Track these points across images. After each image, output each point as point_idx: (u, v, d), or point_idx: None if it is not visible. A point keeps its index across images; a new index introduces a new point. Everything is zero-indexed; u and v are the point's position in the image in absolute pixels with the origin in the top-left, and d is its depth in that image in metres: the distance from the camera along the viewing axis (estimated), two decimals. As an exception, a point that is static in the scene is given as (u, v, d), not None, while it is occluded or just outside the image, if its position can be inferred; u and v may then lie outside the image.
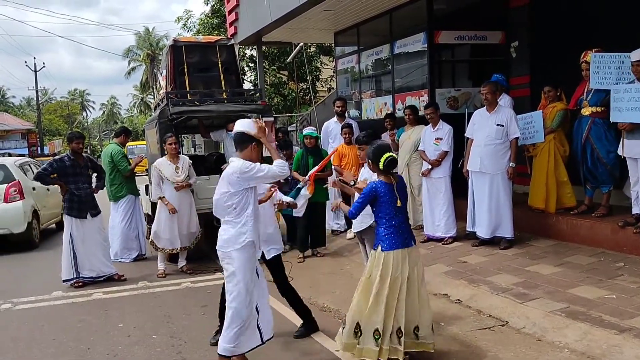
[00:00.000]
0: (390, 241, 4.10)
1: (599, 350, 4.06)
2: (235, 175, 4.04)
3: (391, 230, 4.11)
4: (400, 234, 4.11)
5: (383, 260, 4.08)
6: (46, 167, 7.22)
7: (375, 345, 4.04)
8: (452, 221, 7.37)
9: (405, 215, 4.21)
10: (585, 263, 5.81)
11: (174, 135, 7.50)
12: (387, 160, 4.08)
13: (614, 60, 6.09)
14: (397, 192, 4.12)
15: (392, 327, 4.05)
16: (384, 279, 4.05)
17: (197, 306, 6.09)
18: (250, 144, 4.15)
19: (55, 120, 63.30)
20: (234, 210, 4.12)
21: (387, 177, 4.16)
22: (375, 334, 4.05)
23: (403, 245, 4.10)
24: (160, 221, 7.34)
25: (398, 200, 4.10)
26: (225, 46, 8.99)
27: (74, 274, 7.12)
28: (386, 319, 4.05)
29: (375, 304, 4.07)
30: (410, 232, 4.23)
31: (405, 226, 4.18)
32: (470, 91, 8.98)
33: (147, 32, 61.23)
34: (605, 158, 6.33)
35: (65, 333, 5.45)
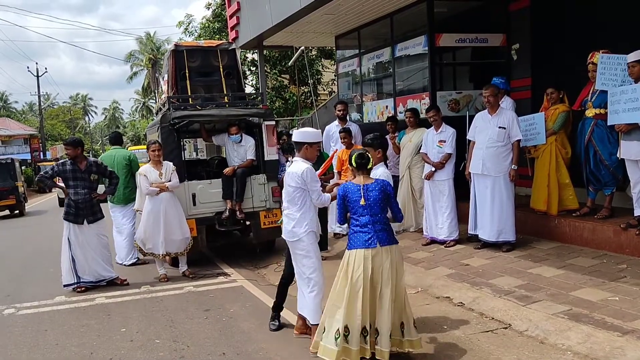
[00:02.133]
0: (353, 240, 4.22)
1: (601, 352, 4.05)
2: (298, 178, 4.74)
3: (356, 230, 4.23)
4: (364, 233, 4.17)
5: (347, 259, 4.20)
6: (48, 170, 7.22)
7: (335, 345, 4.09)
8: (455, 224, 7.37)
9: (373, 216, 4.20)
10: (588, 265, 5.80)
11: (158, 142, 7.49)
12: (356, 156, 4.25)
13: (621, 61, 6.05)
14: (363, 193, 4.18)
15: (359, 327, 4.09)
16: (346, 278, 4.16)
17: (200, 310, 6.08)
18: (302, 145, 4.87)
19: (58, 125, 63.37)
20: (296, 204, 4.80)
21: (359, 178, 4.28)
22: (335, 334, 4.10)
23: (364, 245, 4.14)
24: (145, 227, 7.33)
25: (362, 198, 4.17)
26: (227, 50, 9.00)
27: (75, 278, 7.13)
28: (350, 319, 4.10)
29: (337, 302, 4.16)
30: (379, 233, 4.19)
31: (372, 226, 4.18)
32: (471, 94, 8.98)
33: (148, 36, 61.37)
34: (608, 160, 6.32)
35: (68, 338, 5.45)
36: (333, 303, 4.21)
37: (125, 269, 7.89)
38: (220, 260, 8.61)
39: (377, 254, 4.14)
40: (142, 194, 7.47)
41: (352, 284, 4.11)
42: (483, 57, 9.18)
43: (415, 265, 6.81)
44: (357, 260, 4.13)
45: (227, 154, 8.54)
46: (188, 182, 7.97)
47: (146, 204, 7.36)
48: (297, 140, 4.89)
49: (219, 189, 8.02)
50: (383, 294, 4.14)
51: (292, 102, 22.31)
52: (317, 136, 4.97)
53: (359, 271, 4.10)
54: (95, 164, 7.30)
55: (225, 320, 5.70)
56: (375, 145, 4.79)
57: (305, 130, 5.02)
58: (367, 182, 4.26)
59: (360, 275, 4.10)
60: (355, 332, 4.10)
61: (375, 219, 4.21)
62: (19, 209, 18.93)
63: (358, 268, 4.11)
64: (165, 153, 7.72)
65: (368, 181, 4.27)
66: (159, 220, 7.27)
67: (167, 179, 7.34)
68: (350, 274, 4.13)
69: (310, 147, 4.88)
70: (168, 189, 7.29)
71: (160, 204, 7.28)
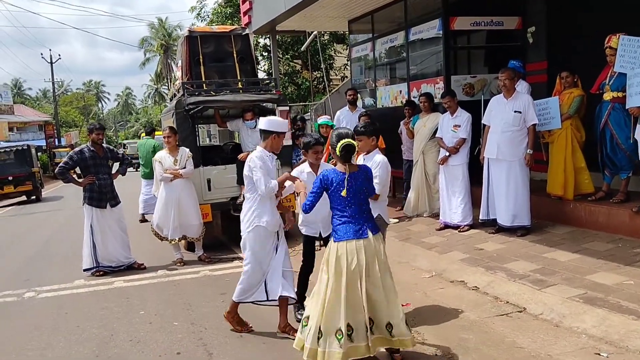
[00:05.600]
0: (342, 231, 3.93)
1: (617, 335, 4.06)
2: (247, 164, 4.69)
3: (343, 220, 3.95)
4: (354, 223, 3.92)
5: (336, 252, 3.90)
6: (67, 160, 7.31)
7: (339, 346, 3.78)
8: (469, 209, 7.38)
9: (360, 206, 3.98)
10: (603, 249, 5.79)
11: (169, 128, 7.55)
12: (342, 146, 3.91)
13: None
14: (347, 182, 3.90)
15: (364, 320, 3.87)
16: (339, 273, 3.86)
17: (217, 294, 6.17)
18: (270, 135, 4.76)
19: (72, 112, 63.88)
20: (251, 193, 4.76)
21: (343, 165, 3.98)
22: (337, 334, 3.80)
23: (356, 235, 3.89)
24: (160, 213, 7.46)
25: (344, 189, 3.88)
26: (240, 36, 9.00)
27: (94, 263, 7.26)
28: (353, 315, 3.84)
29: (334, 302, 3.84)
30: (367, 222, 3.99)
31: (360, 216, 3.96)
32: (486, 78, 8.92)
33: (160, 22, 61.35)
34: (624, 144, 6.26)
35: (89, 320, 5.56)
36: (329, 304, 3.84)
37: (142, 254, 7.99)
38: (236, 245, 8.62)
39: (369, 243, 3.91)
40: (157, 179, 7.57)
41: (349, 277, 3.83)
42: (498, 41, 9.10)
43: (430, 250, 6.84)
44: (350, 252, 3.86)
45: (242, 139, 8.58)
46: (203, 168, 8.04)
47: (161, 190, 7.45)
48: (265, 128, 4.76)
49: (233, 175, 8.07)
50: (385, 284, 3.92)
51: (305, 88, 22.27)
52: (285, 126, 4.90)
53: (354, 262, 3.84)
54: (109, 150, 7.54)
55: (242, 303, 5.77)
56: (369, 132, 4.65)
57: (274, 119, 4.95)
58: (353, 170, 3.97)
59: (356, 267, 3.84)
60: (361, 327, 3.85)
61: (363, 208, 4.00)
62: (36, 195, 19.18)
63: (352, 260, 3.84)
64: (181, 139, 7.79)
65: (352, 169, 3.99)
66: (174, 206, 7.37)
67: (182, 166, 7.40)
68: (345, 267, 3.84)
69: (278, 137, 4.77)
70: (182, 176, 7.36)
71: (175, 190, 7.37)
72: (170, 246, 7.69)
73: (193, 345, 4.73)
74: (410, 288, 5.71)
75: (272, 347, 4.58)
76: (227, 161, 8.40)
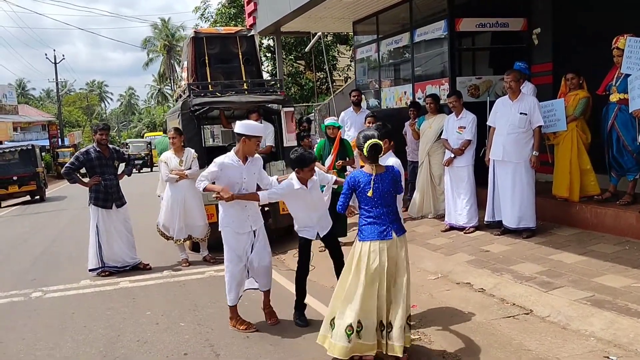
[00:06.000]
0: (367, 231, 4.02)
1: (625, 339, 4.05)
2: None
3: (369, 221, 4.03)
4: (379, 224, 4.00)
5: (360, 251, 4.01)
6: (73, 161, 7.34)
7: (347, 341, 3.93)
8: (474, 210, 7.37)
9: (387, 206, 4.05)
10: (610, 252, 5.77)
11: (175, 129, 7.55)
12: (370, 146, 3.97)
13: None
14: (373, 183, 3.99)
15: (375, 320, 3.96)
16: (359, 271, 3.98)
17: (222, 294, 6.08)
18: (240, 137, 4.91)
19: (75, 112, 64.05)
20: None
21: (370, 167, 4.05)
22: (347, 330, 3.93)
23: (380, 236, 3.97)
24: (165, 213, 7.50)
25: (370, 190, 3.96)
26: (246, 37, 9.03)
27: (99, 263, 7.29)
28: (365, 313, 3.94)
29: (350, 297, 3.98)
30: (393, 223, 4.06)
31: (386, 217, 4.03)
32: (491, 79, 8.91)
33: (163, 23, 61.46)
34: (631, 145, 6.25)
35: (95, 320, 5.58)
36: (344, 298, 4.02)
37: (147, 254, 7.98)
38: (240, 245, 8.68)
39: (392, 245, 4.00)
40: (163, 180, 7.58)
41: (368, 277, 3.94)
42: (503, 42, 9.08)
43: (435, 252, 6.83)
44: (373, 252, 3.96)
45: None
46: (208, 168, 8.03)
47: (167, 190, 7.47)
48: (236, 131, 4.92)
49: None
50: (399, 286, 4.01)
51: (308, 89, 22.26)
52: (257, 130, 4.96)
53: (375, 263, 3.94)
54: (115, 151, 7.55)
55: (247, 304, 5.76)
56: (383, 135, 4.76)
57: (245, 123, 5.02)
58: (379, 172, 4.05)
59: (377, 268, 3.94)
60: (371, 326, 3.96)
61: (389, 209, 4.06)
62: (40, 195, 19.22)
63: (374, 260, 3.94)
64: (186, 140, 7.81)
65: (380, 170, 4.07)
66: (180, 207, 7.39)
67: (188, 166, 7.42)
68: (365, 267, 3.95)
69: (249, 140, 4.85)
70: (187, 177, 7.37)
71: (181, 191, 7.39)
72: (175, 246, 7.70)
73: (200, 346, 4.74)
74: (416, 290, 5.70)
75: (278, 347, 4.59)
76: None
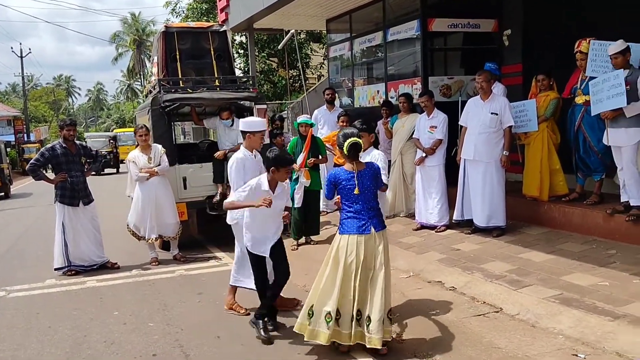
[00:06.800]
0: (346, 225, 4.19)
1: (593, 336, 4.12)
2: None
3: (349, 215, 4.19)
4: (358, 219, 4.16)
5: (338, 244, 4.19)
6: (38, 157, 7.13)
7: (327, 328, 4.11)
8: (445, 209, 7.43)
9: (367, 203, 4.19)
10: (578, 250, 5.88)
11: (144, 126, 7.43)
12: (350, 145, 4.14)
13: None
14: (357, 180, 4.14)
15: (351, 311, 4.12)
16: (337, 262, 4.15)
17: (193, 294, 6.09)
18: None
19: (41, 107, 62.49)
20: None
21: (351, 164, 4.21)
22: (326, 317, 4.12)
23: (358, 231, 4.13)
24: (137, 212, 7.35)
25: (356, 187, 4.14)
26: (218, 33, 8.90)
27: (66, 262, 7.10)
28: (342, 303, 4.12)
29: (328, 286, 4.16)
30: (372, 219, 4.19)
31: (366, 213, 4.18)
32: (463, 79, 8.99)
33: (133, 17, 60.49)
34: (597, 146, 6.37)
35: (61, 321, 5.43)
36: (323, 287, 4.19)
37: (115, 253, 7.83)
38: (211, 244, 8.60)
39: (370, 239, 4.15)
40: (132, 179, 7.43)
41: (345, 269, 4.11)
42: (475, 43, 9.17)
43: (407, 250, 6.85)
44: (350, 246, 4.13)
45: (218, 137, 8.49)
46: (179, 166, 7.93)
47: (137, 190, 7.33)
48: (241, 129, 5.14)
49: (209, 173, 7.97)
50: (376, 279, 4.14)
51: (281, 86, 22.18)
52: (258, 125, 5.17)
53: (352, 256, 4.11)
54: (82, 147, 7.40)
55: (219, 303, 5.70)
56: (370, 129, 4.88)
57: (248, 120, 5.25)
58: (360, 169, 4.21)
59: (354, 261, 4.10)
60: (347, 315, 4.13)
61: (369, 205, 4.21)
62: (5, 192, 18.70)
63: (351, 253, 4.11)
64: (156, 136, 7.68)
65: (360, 167, 4.22)
66: (151, 205, 7.27)
67: (157, 163, 7.29)
68: (343, 259, 4.12)
69: (253, 135, 5.07)
70: (157, 174, 7.24)
71: (152, 189, 7.26)
72: (144, 245, 7.57)
73: (169, 347, 4.65)
74: (388, 288, 5.71)
75: (249, 348, 4.53)
76: (203, 159, 8.30)
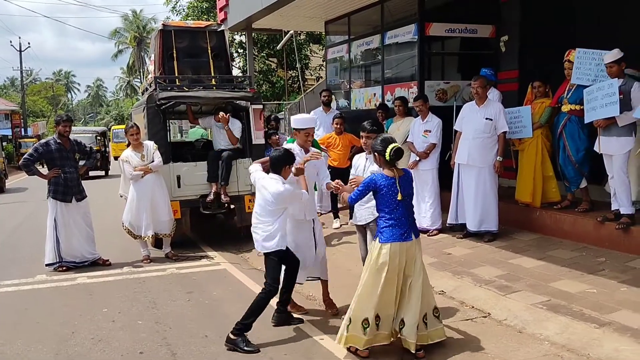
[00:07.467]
0: (388, 233, 4.12)
1: (579, 343, 4.13)
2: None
3: (390, 223, 4.13)
4: (400, 227, 4.11)
5: (379, 252, 4.12)
6: (32, 152, 7.12)
7: (363, 333, 4.10)
8: (438, 213, 7.44)
9: (407, 209, 4.18)
10: (568, 257, 5.90)
11: (135, 125, 7.43)
12: (393, 151, 4.07)
13: (595, 57, 6.16)
14: (399, 186, 4.10)
15: (392, 315, 4.15)
16: (378, 271, 4.10)
17: (183, 292, 6.09)
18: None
19: (40, 102, 62.30)
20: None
21: (390, 170, 4.16)
22: (364, 323, 4.10)
23: (401, 238, 4.10)
24: (132, 211, 7.34)
25: (399, 193, 4.09)
26: (215, 32, 8.90)
27: (57, 258, 7.08)
28: (382, 309, 4.12)
29: (368, 295, 4.13)
30: (412, 226, 4.21)
31: (406, 220, 4.15)
32: (459, 84, 9.01)
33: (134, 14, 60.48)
34: (575, 156, 6.43)
35: (50, 317, 5.43)
36: (365, 296, 4.15)
37: (107, 250, 7.82)
38: (204, 243, 8.60)
39: (411, 246, 4.14)
40: (125, 179, 7.42)
41: (388, 277, 4.08)
42: (472, 48, 9.20)
43: (398, 253, 6.86)
44: (393, 254, 4.08)
45: (213, 136, 8.50)
46: (173, 164, 7.92)
47: (132, 188, 7.32)
48: (292, 126, 5.08)
49: (204, 172, 7.97)
50: (414, 286, 4.14)
51: (279, 87, 22.20)
52: (305, 122, 5.07)
53: (395, 263, 4.08)
54: (77, 143, 7.36)
55: (208, 302, 5.71)
56: (380, 130, 4.94)
57: (298, 118, 5.16)
58: (401, 175, 4.17)
59: (396, 268, 4.08)
60: (388, 318, 4.16)
61: (409, 212, 4.20)
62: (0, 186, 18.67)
63: (394, 261, 4.07)
64: (151, 134, 7.68)
65: (400, 173, 4.17)
66: (147, 203, 7.27)
67: (150, 160, 7.29)
68: (387, 267, 4.07)
69: (298, 132, 5.02)
70: (152, 171, 7.24)
71: (147, 186, 7.26)
72: (137, 242, 7.56)
73: (156, 345, 4.65)
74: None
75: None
76: (198, 158, 8.29)
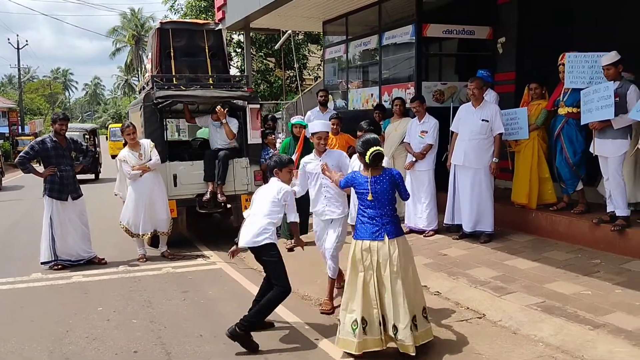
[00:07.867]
0: (360, 231, 4.19)
1: (573, 344, 4.14)
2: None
3: (364, 220, 4.19)
4: (372, 225, 4.13)
5: (353, 249, 4.18)
6: (28, 150, 7.11)
7: (354, 336, 4.07)
8: (434, 214, 7.45)
9: (381, 209, 4.15)
10: (563, 259, 5.91)
11: (131, 124, 7.42)
12: (372, 155, 4.09)
13: (588, 60, 6.19)
14: (370, 186, 4.13)
15: (377, 316, 4.08)
16: (355, 268, 4.15)
17: (178, 292, 6.08)
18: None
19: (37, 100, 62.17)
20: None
21: (366, 170, 4.20)
22: (352, 325, 4.09)
23: (372, 237, 4.11)
24: (131, 209, 7.34)
25: (369, 193, 4.12)
26: (213, 31, 8.91)
27: (52, 256, 7.07)
28: (366, 309, 4.08)
29: (351, 292, 4.16)
30: (387, 226, 4.14)
31: (380, 219, 4.14)
32: (456, 85, 9.02)
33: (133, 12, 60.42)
34: (572, 158, 6.45)
35: (45, 315, 5.42)
36: (347, 296, 4.19)
37: (103, 248, 7.82)
38: (200, 242, 8.60)
39: (384, 246, 4.10)
40: (122, 178, 7.40)
41: (363, 275, 4.09)
42: (469, 49, 9.22)
43: (394, 254, 6.86)
44: (365, 251, 4.11)
45: (210, 136, 8.49)
46: (170, 163, 7.92)
47: (131, 187, 7.32)
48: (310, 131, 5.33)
49: (200, 171, 7.98)
50: (394, 287, 4.07)
51: (277, 86, 22.18)
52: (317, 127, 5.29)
53: (367, 261, 4.09)
54: (73, 141, 7.35)
55: (204, 302, 5.71)
56: (378, 130, 4.93)
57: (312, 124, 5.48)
58: (375, 174, 4.17)
59: (370, 265, 4.09)
60: (374, 322, 4.08)
61: (383, 212, 4.16)
62: (-4, 184, 18.61)
63: (366, 259, 4.10)
64: (148, 133, 7.67)
65: (375, 173, 4.18)
66: (146, 201, 7.27)
67: (147, 158, 7.28)
68: (360, 265, 4.11)
69: (312, 137, 5.27)
70: (150, 169, 7.24)
71: (146, 185, 7.27)
72: (133, 241, 7.55)
73: (151, 344, 4.65)
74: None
75: (231, 348, 4.51)
76: (195, 157, 8.29)
